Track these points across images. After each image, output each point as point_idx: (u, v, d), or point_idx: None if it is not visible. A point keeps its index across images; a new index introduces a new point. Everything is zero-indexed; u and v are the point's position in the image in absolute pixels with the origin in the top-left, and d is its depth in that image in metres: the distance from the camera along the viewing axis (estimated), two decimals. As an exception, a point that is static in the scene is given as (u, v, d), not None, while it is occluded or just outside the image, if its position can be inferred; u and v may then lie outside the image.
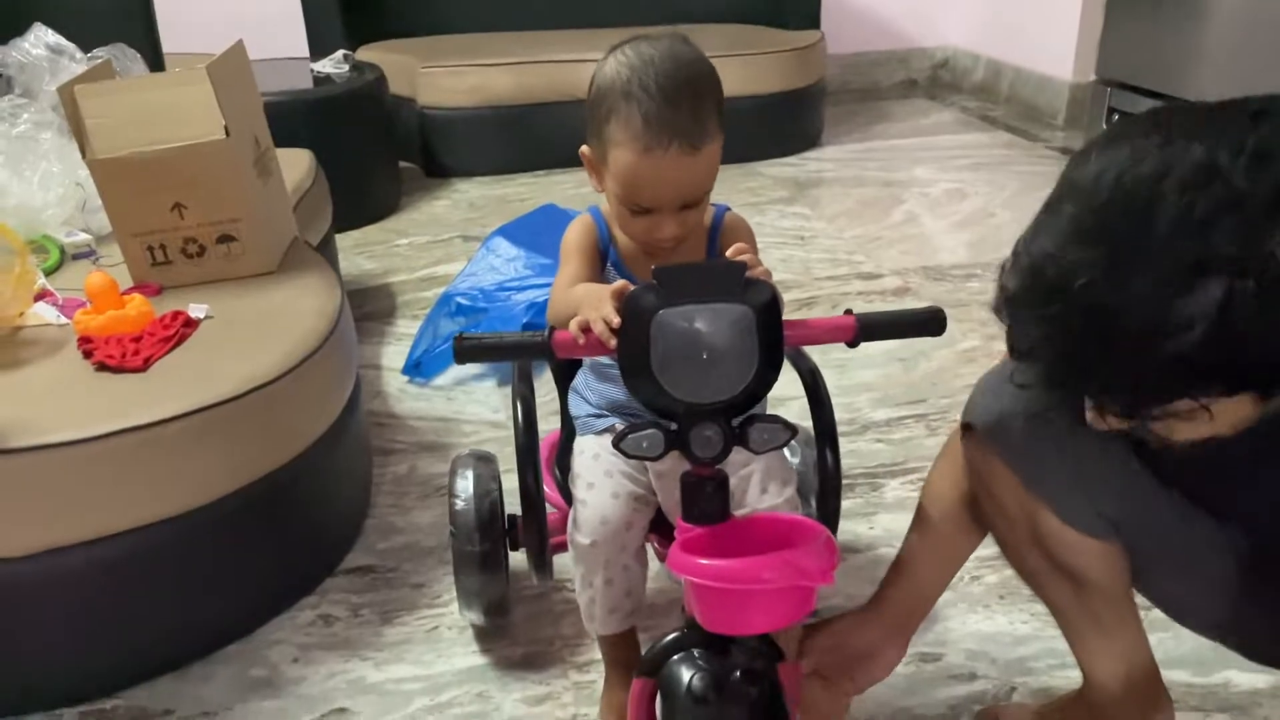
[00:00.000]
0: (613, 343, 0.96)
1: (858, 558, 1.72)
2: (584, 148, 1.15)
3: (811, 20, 4.12)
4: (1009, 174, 3.63)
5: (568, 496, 1.30)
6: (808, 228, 3.18)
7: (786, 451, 1.40)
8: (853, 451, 2.02)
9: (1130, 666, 1.20)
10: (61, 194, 1.98)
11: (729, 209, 1.25)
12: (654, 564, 1.36)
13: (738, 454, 1.10)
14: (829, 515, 1.24)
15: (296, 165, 2.41)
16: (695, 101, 1.06)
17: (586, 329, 0.98)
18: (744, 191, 3.51)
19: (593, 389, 1.30)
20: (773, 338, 0.95)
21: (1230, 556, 1.07)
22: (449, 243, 3.15)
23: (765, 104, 3.78)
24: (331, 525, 1.72)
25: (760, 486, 1.22)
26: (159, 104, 1.70)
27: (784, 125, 3.91)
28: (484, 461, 1.47)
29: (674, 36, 1.09)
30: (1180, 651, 1.44)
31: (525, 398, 1.26)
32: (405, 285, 2.84)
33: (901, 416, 2.14)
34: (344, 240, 3.09)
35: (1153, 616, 1.20)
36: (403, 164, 3.65)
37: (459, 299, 2.38)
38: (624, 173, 1.08)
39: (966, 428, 1.16)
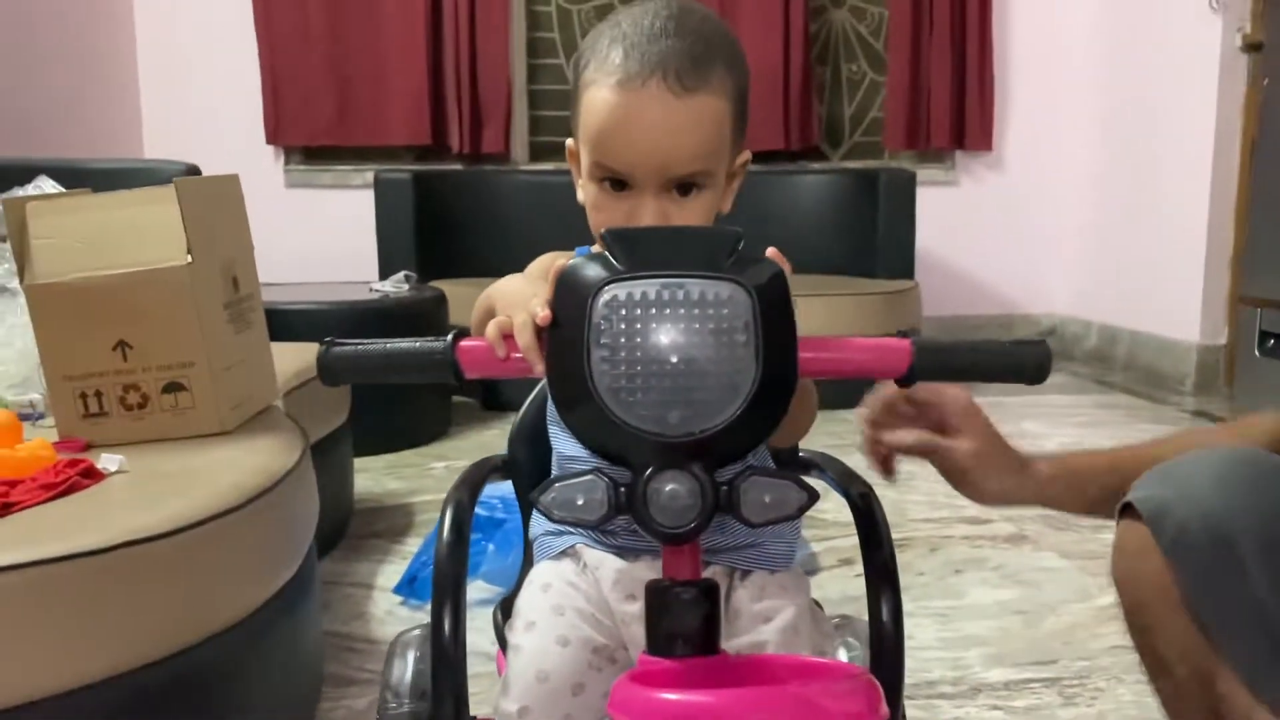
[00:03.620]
0: (540, 367, 0.68)
1: None
2: (569, 140, 0.89)
3: (905, 274, 3.88)
4: (1135, 431, 3.17)
5: (505, 645, 0.93)
6: (903, 468, 2.74)
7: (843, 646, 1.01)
8: None
9: None
10: (20, 348, 1.73)
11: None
12: None
13: (743, 605, 0.87)
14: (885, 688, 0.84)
15: (311, 352, 2.13)
16: (694, 40, 0.81)
17: (509, 334, 0.70)
18: (829, 435, 3.12)
19: None
20: (780, 341, 0.65)
21: None
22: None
23: (854, 348, 3.46)
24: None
25: (783, 648, 0.85)
26: (120, 224, 1.46)
27: (876, 373, 3.56)
28: None
29: None
30: None
31: (459, 504, 0.93)
32: (429, 505, 2.48)
33: (1025, 679, 1.61)
34: (375, 462, 2.79)
35: None
36: (460, 399, 3.40)
37: (477, 508, 2.00)
38: (595, 120, 0.81)
39: (1126, 510, 0.86)
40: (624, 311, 0.64)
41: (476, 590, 1.89)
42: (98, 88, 3.84)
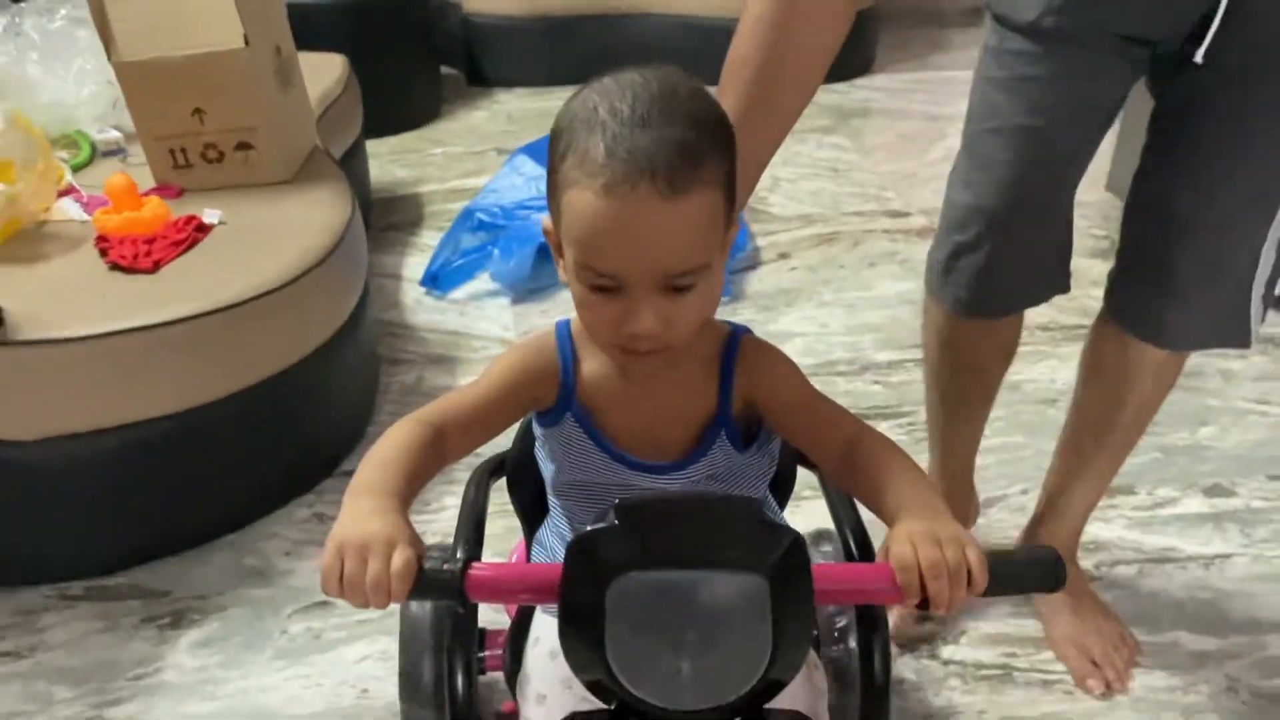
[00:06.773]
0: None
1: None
2: (543, 217, 0.81)
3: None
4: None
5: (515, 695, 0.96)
6: (843, 160, 3.15)
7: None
8: (848, 392, 2.05)
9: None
10: (95, 90, 2.05)
11: (749, 331, 0.88)
12: None
13: None
14: None
15: (328, 71, 2.44)
16: (683, 127, 0.71)
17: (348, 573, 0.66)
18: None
19: (563, 538, 0.93)
20: (797, 618, 0.65)
21: None
22: (482, 155, 3.17)
23: (815, 28, 3.69)
24: (332, 429, 1.80)
25: None
26: (182, 8, 1.75)
27: (833, 51, 3.82)
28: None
29: (674, 69, 0.76)
30: (1136, 610, 1.48)
31: (474, 505, 0.93)
32: (434, 195, 2.89)
33: (903, 360, 2.15)
34: (379, 146, 3.14)
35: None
36: (446, 70, 3.66)
37: (480, 214, 2.43)
38: (579, 225, 0.73)
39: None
40: (640, 604, 0.64)
41: (484, 283, 2.37)
42: None
